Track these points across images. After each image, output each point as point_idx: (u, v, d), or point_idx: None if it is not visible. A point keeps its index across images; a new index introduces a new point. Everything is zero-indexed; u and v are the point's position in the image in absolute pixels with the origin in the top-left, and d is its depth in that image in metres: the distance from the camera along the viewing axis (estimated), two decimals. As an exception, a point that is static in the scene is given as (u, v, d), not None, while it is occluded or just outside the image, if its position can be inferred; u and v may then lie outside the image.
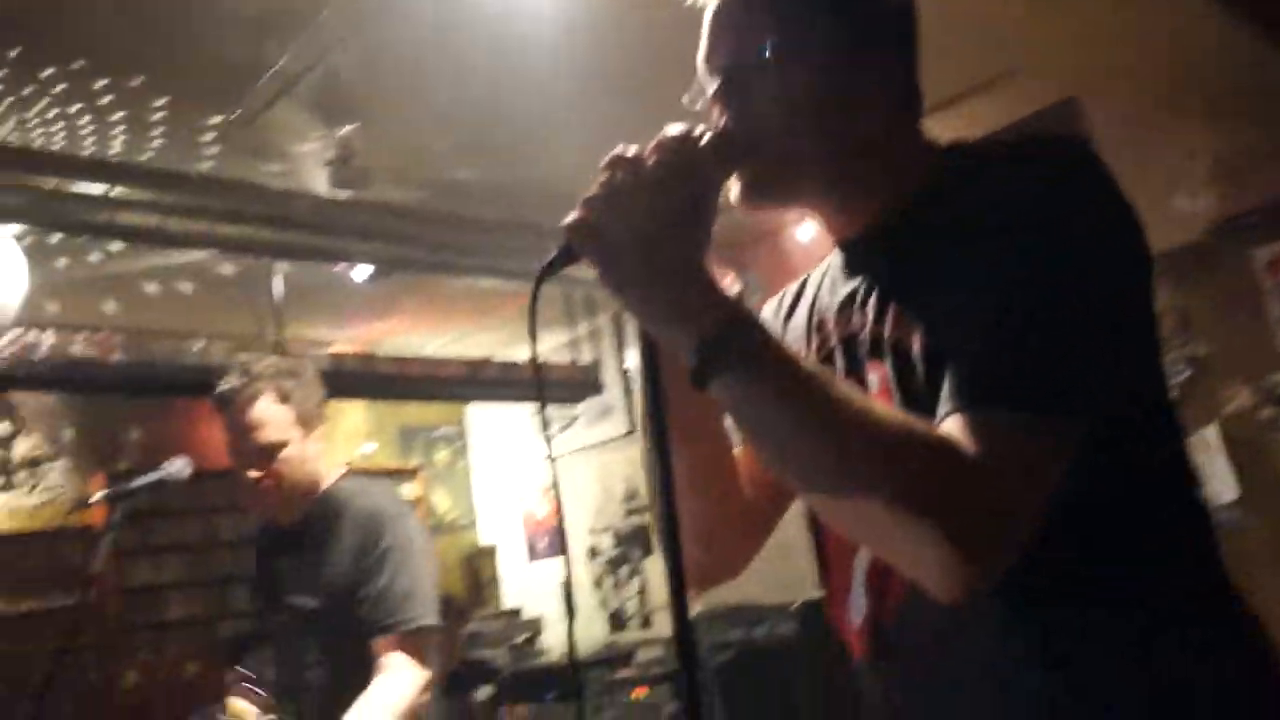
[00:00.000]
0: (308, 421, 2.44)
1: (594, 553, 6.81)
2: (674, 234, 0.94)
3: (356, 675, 2.26)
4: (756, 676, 4.94)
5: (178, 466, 2.71)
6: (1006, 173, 1.04)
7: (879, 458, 0.89)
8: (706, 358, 0.91)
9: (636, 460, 6.40)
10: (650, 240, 0.92)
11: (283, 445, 2.40)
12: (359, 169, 4.13)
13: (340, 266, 4.67)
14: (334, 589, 2.34)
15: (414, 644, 2.26)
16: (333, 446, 7.10)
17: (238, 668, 2.42)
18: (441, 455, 7.84)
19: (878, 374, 1.08)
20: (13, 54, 3.38)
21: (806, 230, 5.06)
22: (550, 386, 5.65)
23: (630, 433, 6.48)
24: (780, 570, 5.28)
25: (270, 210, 4.04)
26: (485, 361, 5.22)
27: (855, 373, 1.11)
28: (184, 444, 6.44)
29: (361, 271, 4.66)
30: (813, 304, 1.25)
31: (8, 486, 6.30)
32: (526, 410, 7.16)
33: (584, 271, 0.98)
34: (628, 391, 6.44)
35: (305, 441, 2.43)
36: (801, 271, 1.32)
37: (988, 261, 0.98)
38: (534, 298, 1.02)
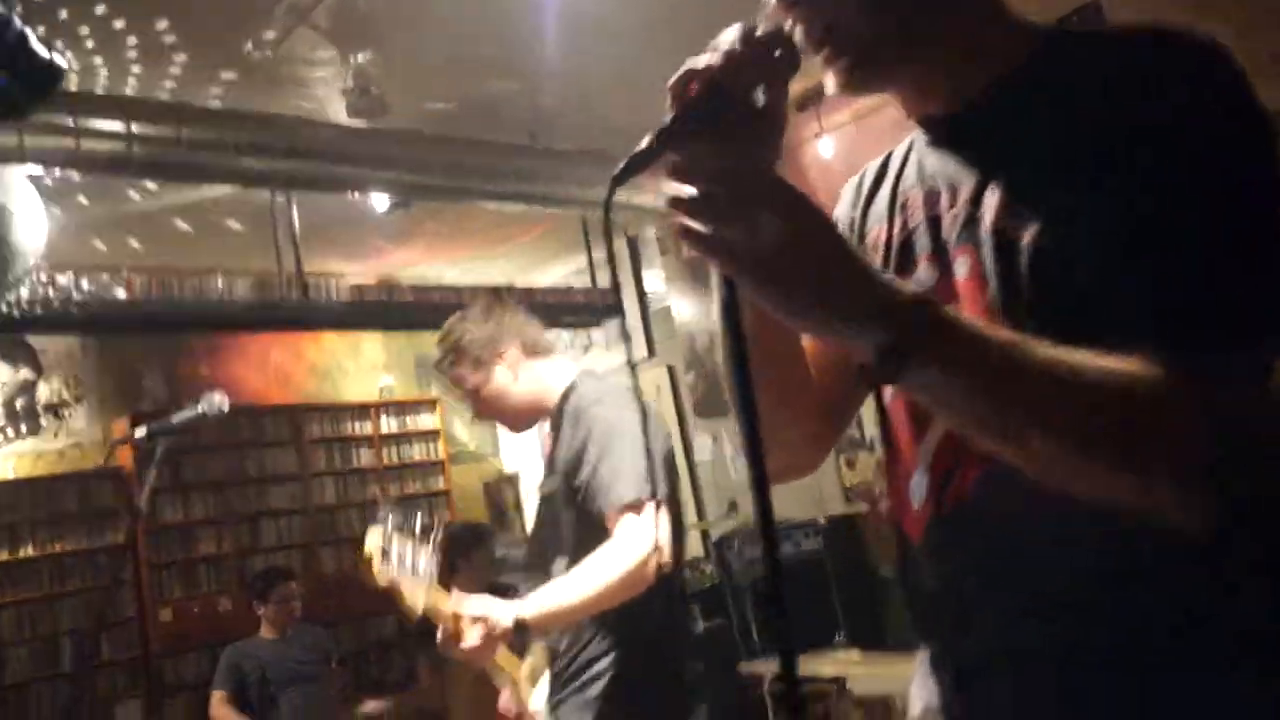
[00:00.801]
0: (488, 359, 2.62)
1: (618, 477, 6.85)
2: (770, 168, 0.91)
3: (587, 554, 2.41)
4: (788, 590, 5.02)
5: (216, 401, 2.75)
6: (1152, 59, 0.96)
7: (1102, 423, 0.86)
8: (896, 357, 0.85)
9: (657, 383, 6.41)
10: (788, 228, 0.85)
11: (476, 390, 2.63)
12: (376, 98, 4.10)
13: (358, 197, 4.65)
14: (560, 477, 2.51)
15: (629, 515, 2.34)
16: (356, 377, 7.06)
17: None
18: (460, 385, 7.85)
19: (968, 259, 1.04)
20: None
21: (826, 146, 5.01)
22: (570, 310, 5.64)
23: (650, 356, 6.48)
24: (808, 487, 5.33)
25: (289, 142, 4.00)
26: (508, 288, 5.21)
27: (940, 255, 1.08)
28: (205, 383, 6.51)
29: (381, 201, 4.63)
30: (896, 183, 1.19)
31: (34, 431, 6.34)
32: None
33: (591, 191, 0.92)
34: (646, 315, 6.43)
35: (495, 375, 2.62)
36: (822, 189, 1.29)
37: (1144, 160, 0.91)
38: (608, 203, 0.92)
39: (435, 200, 4.57)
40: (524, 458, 7.64)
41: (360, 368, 7.41)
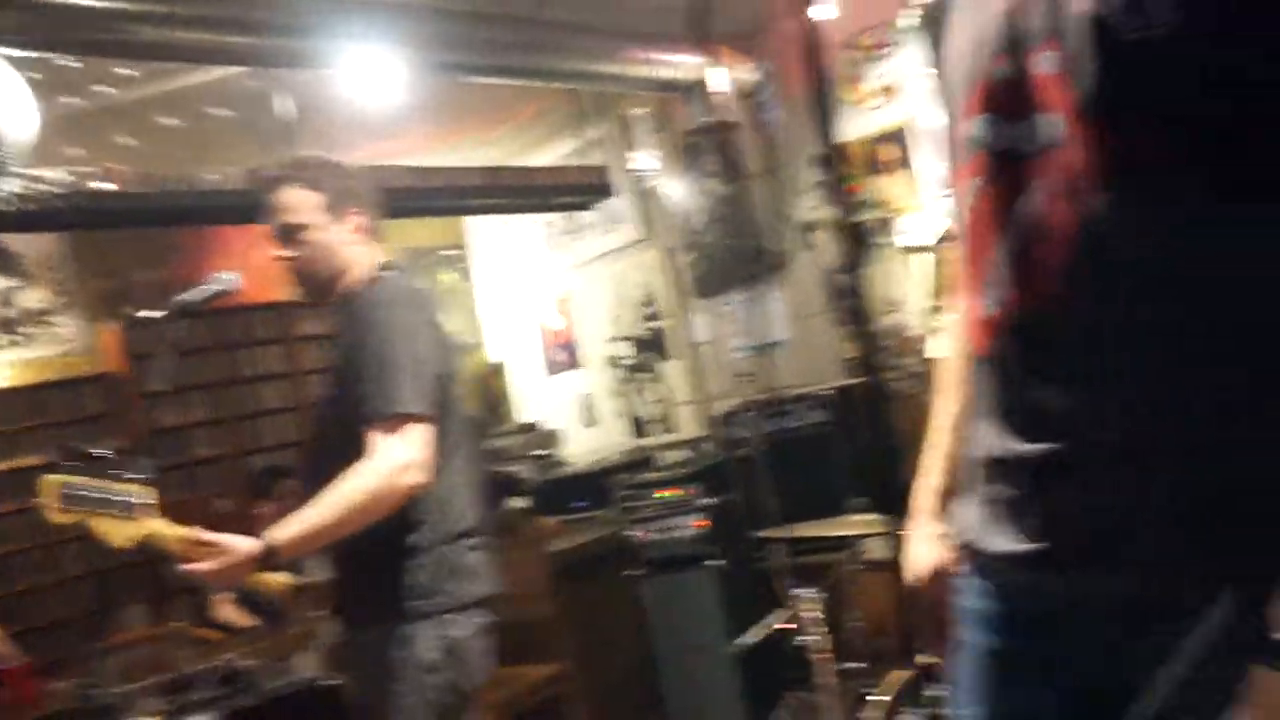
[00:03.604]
0: (336, 210, 2.56)
1: (613, 362, 6.85)
2: None
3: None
4: (792, 462, 5.04)
5: (229, 279, 2.74)
6: None
7: None
8: None
9: (651, 266, 6.36)
10: None
11: (304, 228, 2.53)
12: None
13: (349, 87, 4.51)
14: (342, 381, 2.44)
15: (386, 430, 2.29)
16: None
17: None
18: (447, 276, 7.76)
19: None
20: None
21: (822, 9, 4.90)
22: (561, 192, 5.54)
23: (643, 240, 6.41)
24: (807, 363, 5.34)
25: (279, 18, 3.86)
26: (502, 169, 5.11)
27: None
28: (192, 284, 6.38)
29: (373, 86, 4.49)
30: None
31: (17, 342, 6.22)
32: (536, 223, 7.06)
33: (594, 65, 0.89)
34: (638, 197, 6.34)
35: (332, 228, 2.55)
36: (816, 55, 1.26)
37: None
38: None
39: (426, 75, 4.43)
40: (513, 347, 7.60)
41: (348, 264, 7.29)
